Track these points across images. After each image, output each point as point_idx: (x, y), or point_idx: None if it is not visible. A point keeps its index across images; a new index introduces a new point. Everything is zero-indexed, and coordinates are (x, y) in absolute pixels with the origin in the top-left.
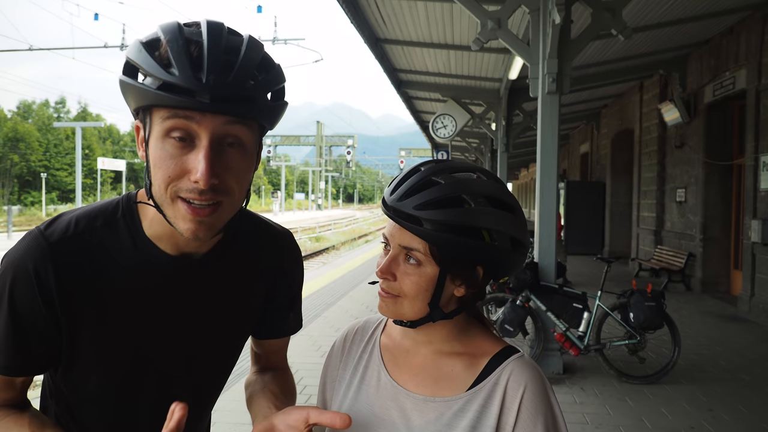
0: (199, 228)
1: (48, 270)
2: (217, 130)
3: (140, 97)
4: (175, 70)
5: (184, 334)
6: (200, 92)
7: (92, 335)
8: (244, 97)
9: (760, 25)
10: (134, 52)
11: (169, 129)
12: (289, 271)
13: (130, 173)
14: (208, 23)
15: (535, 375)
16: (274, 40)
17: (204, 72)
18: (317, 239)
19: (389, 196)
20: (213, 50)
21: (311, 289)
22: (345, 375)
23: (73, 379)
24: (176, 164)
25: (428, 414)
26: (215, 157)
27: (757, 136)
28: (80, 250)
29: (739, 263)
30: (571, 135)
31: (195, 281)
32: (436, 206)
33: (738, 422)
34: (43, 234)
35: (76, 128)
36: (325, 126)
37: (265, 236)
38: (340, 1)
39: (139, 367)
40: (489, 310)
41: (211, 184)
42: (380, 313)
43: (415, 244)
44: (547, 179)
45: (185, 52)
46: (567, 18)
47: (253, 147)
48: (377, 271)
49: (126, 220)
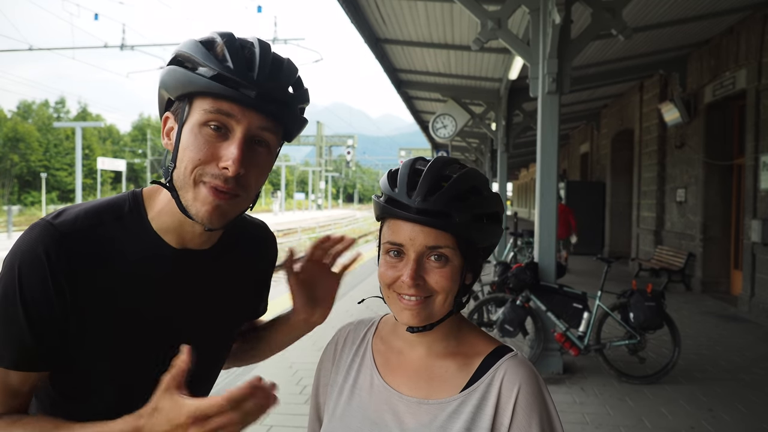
0: (214, 212)
1: (60, 256)
2: (251, 129)
3: (191, 85)
4: (230, 64)
5: (185, 324)
6: (248, 87)
7: (98, 325)
8: (282, 101)
9: (760, 25)
10: (190, 46)
11: (211, 118)
12: (273, 258)
13: (130, 173)
14: (258, 39)
15: (529, 374)
16: (274, 40)
17: (255, 71)
18: (317, 239)
19: (408, 199)
20: (263, 56)
21: None
22: (338, 379)
23: (75, 372)
24: (208, 149)
25: (422, 417)
26: (246, 149)
27: (757, 136)
28: (89, 242)
29: (739, 263)
30: (571, 135)
31: (198, 274)
32: (461, 199)
33: (738, 422)
34: (53, 224)
35: (76, 128)
36: (325, 126)
37: (252, 230)
38: (340, 1)
39: (141, 357)
40: (489, 310)
41: (238, 173)
42: (410, 324)
43: (443, 240)
44: (547, 179)
45: (240, 52)
46: (567, 18)
47: (274, 153)
48: (406, 278)
49: (133, 214)
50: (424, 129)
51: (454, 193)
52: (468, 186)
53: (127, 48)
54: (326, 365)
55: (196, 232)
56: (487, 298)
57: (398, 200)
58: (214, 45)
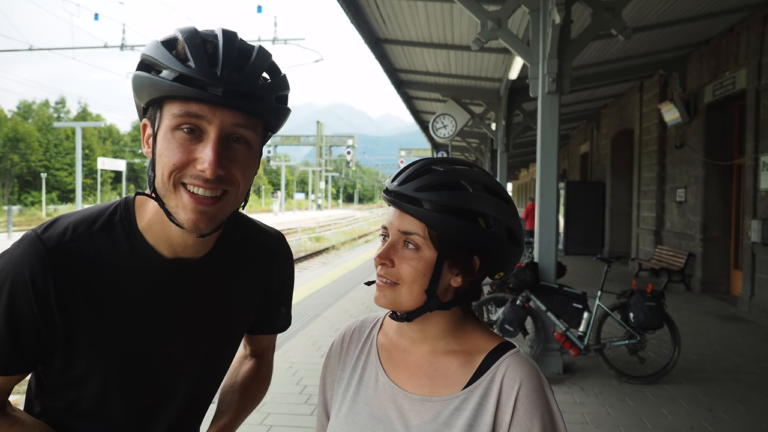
0: (200, 219)
1: (46, 277)
2: (225, 127)
3: (155, 90)
4: (191, 63)
5: (179, 336)
6: (214, 85)
7: (89, 337)
8: (253, 95)
9: (760, 25)
10: (152, 48)
11: (181, 122)
12: (282, 274)
13: (130, 173)
14: (223, 29)
15: (530, 371)
16: (274, 40)
17: (219, 67)
18: (317, 239)
19: (390, 183)
20: (227, 49)
21: (311, 289)
22: (344, 375)
23: (68, 379)
24: (183, 153)
25: (425, 414)
26: (222, 149)
27: (757, 136)
28: (78, 255)
29: (739, 263)
30: (571, 135)
31: (190, 285)
32: (436, 188)
33: (738, 422)
34: (41, 238)
35: (76, 128)
36: (325, 126)
37: (258, 241)
38: (340, 1)
39: (134, 369)
40: (489, 310)
41: (217, 175)
42: (377, 303)
43: (414, 227)
44: (547, 179)
45: (202, 48)
46: (567, 18)
47: (257, 147)
48: (376, 257)
49: (123, 224)
50: (424, 129)
51: (429, 183)
52: (453, 180)
53: (127, 48)
54: (333, 362)
55: (187, 241)
56: (487, 298)
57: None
58: (175, 44)
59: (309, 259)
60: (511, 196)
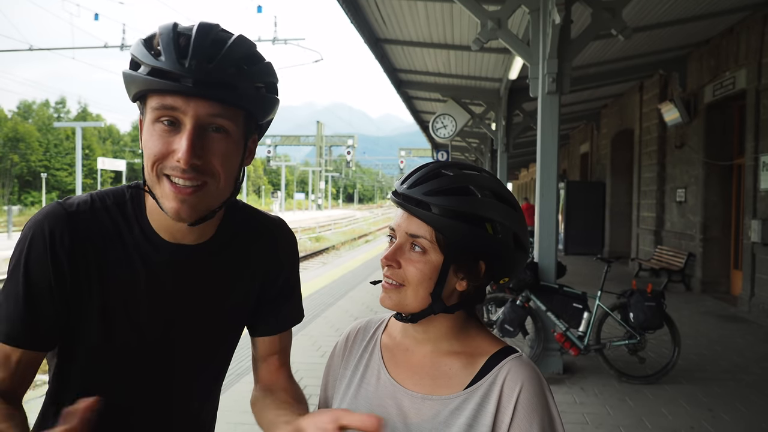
0: (182, 207)
1: (63, 234)
2: (201, 117)
3: (134, 85)
4: (163, 57)
5: (179, 321)
6: (184, 77)
7: (97, 309)
8: (225, 84)
9: (760, 25)
10: (134, 46)
11: (159, 115)
12: (285, 259)
13: (130, 173)
14: (200, 22)
15: (531, 375)
16: (274, 40)
17: (188, 58)
18: (317, 239)
19: (400, 186)
20: (199, 41)
21: (311, 289)
22: (346, 373)
23: (74, 359)
24: (162, 145)
25: (425, 412)
26: (197, 139)
27: (757, 136)
28: (95, 223)
29: (739, 263)
30: (571, 135)
31: (192, 270)
32: (445, 193)
33: (738, 422)
34: (62, 204)
35: (76, 128)
36: (325, 126)
37: (260, 227)
38: (340, 1)
39: (136, 351)
40: (489, 310)
41: (193, 164)
42: (382, 305)
43: (422, 231)
44: (547, 179)
45: (174, 42)
46: (567, 18)
47: (239, 136)
48: (382, 258)
49: (133, 204)
50: (424, 129)
51: (438, 187)
52: (462, 185)
53: (127, 48)
54: (336, 360)
55: (183, 228)
56: (487, 298)
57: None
58: (152, 41)
59: (309, 259)
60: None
